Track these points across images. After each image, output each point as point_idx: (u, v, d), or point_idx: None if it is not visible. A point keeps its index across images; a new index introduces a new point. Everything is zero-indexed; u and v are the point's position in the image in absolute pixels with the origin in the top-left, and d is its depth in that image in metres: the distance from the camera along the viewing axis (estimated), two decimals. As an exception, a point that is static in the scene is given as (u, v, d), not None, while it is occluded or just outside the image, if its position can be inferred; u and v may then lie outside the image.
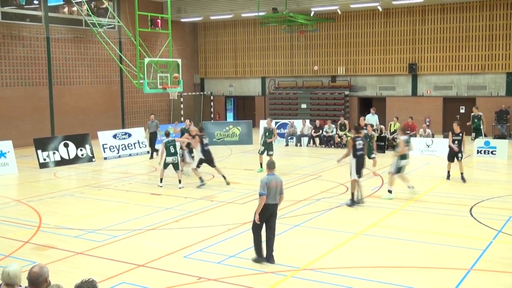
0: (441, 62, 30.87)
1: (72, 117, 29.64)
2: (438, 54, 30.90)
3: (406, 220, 12.57)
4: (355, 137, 14.15)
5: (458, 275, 9.01)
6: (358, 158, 13.94)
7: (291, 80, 35.74)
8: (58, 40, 29.12)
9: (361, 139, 14.17)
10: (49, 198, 15.49)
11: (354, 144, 13.93)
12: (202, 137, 16.76)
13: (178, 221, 12.61)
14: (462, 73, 30.50)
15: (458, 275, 9.01)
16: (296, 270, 9.26)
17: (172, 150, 16.43)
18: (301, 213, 13.17)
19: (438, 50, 30.88)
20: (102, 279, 8.80)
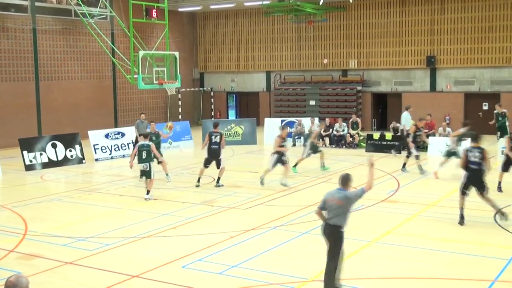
0: (462, 55, 30.79)
1: (60, 115, 29.69)
2: (459, 46, 30.83)
3: (424, 226, 12.53)
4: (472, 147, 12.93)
5: (481, 287, 8.97)
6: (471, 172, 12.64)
7: (299, 75, 35.72)
8: (45, 31, 29.17)
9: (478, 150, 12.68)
10: (36, 203, 15.50)
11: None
12: (211, 134, 17.13)
13: (176, 228, 12.60)
14: (485, 66, 30.41)
15: (481, 287, 8.97)
16: (304, 281, 9.23)
17: (144, 156, 15.57)
18: (310, 219, 13.14)
19: (459, 42, 30.80)
20: (93, 291, 8.80)
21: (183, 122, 28.88)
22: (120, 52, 29.76)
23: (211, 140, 17.07)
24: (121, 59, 29.19)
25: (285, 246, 11.15)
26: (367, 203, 14.60)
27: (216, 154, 17.11)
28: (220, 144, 17.06)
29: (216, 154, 17.11)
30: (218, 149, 17.09)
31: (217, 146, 17.05)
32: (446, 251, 10.72)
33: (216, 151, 17.11)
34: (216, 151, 17.10)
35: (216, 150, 17.10)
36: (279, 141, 17.32)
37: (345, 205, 8.47)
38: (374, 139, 24.41)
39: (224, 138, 17.55)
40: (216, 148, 17.08)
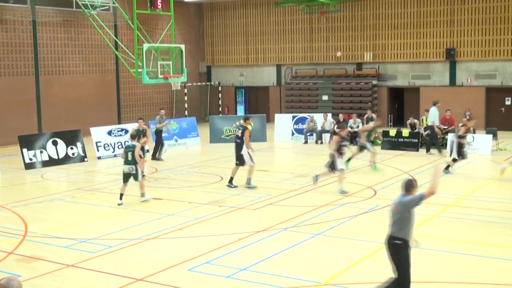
0: (484, 47, 30.65)
1: (61, 111, 29.82)
2: (480, 38, 30.68)
3: (443, 228, 12.51)
4: None
5: (503, 291, 8.96)
6: None
7: (311, 68, 35.68)
8: (45, 24, 29.30)
9: None
10: (36, 203, 15.59)
11: None
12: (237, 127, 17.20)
13: (182, 229, 12.65)
14: (508, 59, 30.25)
15: (503, 291, 8.96)
16: (317, 285, 9.25)
17: (130, 158, 15.20)
18: (323, 220, 13.16)
19: (480, 33, 30.65)
20: (95, 295, 8.86)
21: (190, 118, 28.93)
22: (123, 45, 29.85)
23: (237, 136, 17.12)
24: (125, 52, 29.28)
25: (296, 249, 11.16)
26: (382, 203, 14.60)
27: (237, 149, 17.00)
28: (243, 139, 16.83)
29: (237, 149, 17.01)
30: (240, 144, 16.89)
31: (239, 141, 16.92)
32: (465, 253, 10.70)
33: (237, 145, 17.01)
34: (238, 145, 16.97)
35: (238, 144, 16.97)
36: (338, 141, 16.50)
37: (401, 212, 8.20)
38: (391, 135, 24.36)
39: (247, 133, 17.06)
40: (238, 143, 16.97)
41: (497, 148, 23.30)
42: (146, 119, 30.06)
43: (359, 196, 15.53)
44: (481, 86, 31.05)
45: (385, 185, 16.87)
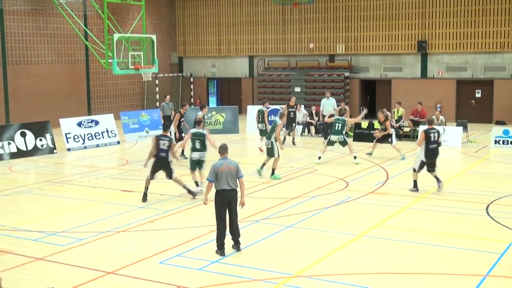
0: (455, 40, 31.00)
1: (30, 102, 29.43)
2: (452, 30, 31.02)
3: (414, 220, 12.66)
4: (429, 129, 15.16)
5: (473, 282, 9.10)
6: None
7: (283, 60, 35.73)
8: (13, 12, 28.83)
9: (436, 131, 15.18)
10: (4, 195, 15.41)
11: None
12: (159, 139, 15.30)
13: (153, 221, 12.61)
14: (478, 52, 30.65)
15: (473, 282, 9.10)
16: (289, 277, 9.31)
17: (198, 146, 15.02)
18: (295, 212, 13.22)
19: (451, 26, 30.99)
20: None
21: (161, 109, 28.75)
22: (93, 35, 29.53)
23: (159, 147, 14.49)
24: (95, 43, 28.97)
25: (268, 241, 11.21)
26: (354, 195, 14.74)
27: (162, 164, 14.62)
28: (171, 152, 14.59)
29: (162, 165, 14.63)
30: (167, 158, 14.58)
31: (165, 154, 14.49)
32: (436, 245, 10.85)
33: (164, 161, 14.57)
34: (164, 161, 14.58)
35: (164, 159, 14.56)
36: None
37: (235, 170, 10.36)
38: (363, 128, 24.52)
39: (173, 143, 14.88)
40: (164, 157, 14.52)
41: (467, 140, 23.62)
42: (116, 111, 29.89)
43: (330, 188, 15.64)
44: (452, 79, 31.42)
45: (357, 177, 17.01)
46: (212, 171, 10.30)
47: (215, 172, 10.25)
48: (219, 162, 10.38)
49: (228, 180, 10.26)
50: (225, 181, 10.23)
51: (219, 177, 10.22)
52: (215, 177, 10.25)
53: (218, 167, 10.29)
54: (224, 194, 10.28)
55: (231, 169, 10.31)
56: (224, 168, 10.27)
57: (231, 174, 10.30)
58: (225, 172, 10.25)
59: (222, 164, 10.31)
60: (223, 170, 10.25)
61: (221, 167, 10.27)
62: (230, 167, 10.31)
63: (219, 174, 10.23)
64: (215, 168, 10.29)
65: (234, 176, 10.34)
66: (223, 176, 10.23)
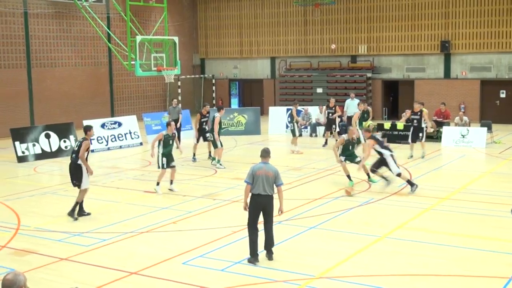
0: (479, 39, 30.70)
1: (54, 104, 29.75)
2: (475, 30, 30.73)
3: (437, 221, 12.57)
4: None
5: (497, 284, 9.01)
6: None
7: (305, 61, 35.68)
8: (37, 15, 29.18)
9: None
10: (29, 196, 15.58)
11: None
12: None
13: (176, 222, 12.67)
14: (503, 51, 30.31)
15: (497, 284, 9.01)
16: (311, 278, 9.30)
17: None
18: (317, 213, 13.20)
19: (475, 25, 30.69)
20: (89, 289, 8.89)
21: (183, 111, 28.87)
22: (116, 37, 29.77)
23: (73, 149, 13.68)
24: (118, 45, 29.21)
25: (290, 242, 11.20)
26: (378, 196, 14.67)
27: (74, 170, 13.34)
28: (79, 155, 13.24)
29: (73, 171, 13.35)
30: (75, 160, 13.32)
31: (75, 156, 13.39)
32: (460, 246, 10.76)
33: (74, 165, 13.35)
34: (74, 166, 13.33)
35: (73, 162, 13.36)
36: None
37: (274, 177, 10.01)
38: (385, 128, 24.39)
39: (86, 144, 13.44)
40: (73, 159, 13.36)
41: (491, 141, 23.39)
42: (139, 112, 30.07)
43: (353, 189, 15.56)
44: (476, 79, 31.12)
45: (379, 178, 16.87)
46: (250, 173, 9.96)
47: (252, 175, 9.90)
48: (258, 165, 10.04)
49: (265, 185, 9.87)
50: (260, 185, 9.86)
51: (255, 181, 9.87)
52: (252, 180, 9.92)
53: (256, 170, 9.94)
54: (258, 200, 9.94)
55: (268, 174, 9.90)
56: (261, 172, 9.89)
57: (268, 180, 9.90)
58: (262, 177, 9.86)
59: (261, 168, 9.94)
60: (260, 174, 9.87)
61: (259, 171, 9.90)
62: (268, 172, 9.91)
63: (256, 178, 9.89)
64: (253, 170, 9.95)
65: (271, 182, 9.93)
66: (259, 180, 9.85)
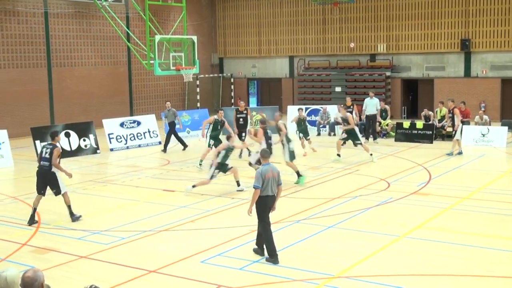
0: (499, 38, 30.40)
1: (74, 103, 29.97)
2: (496, 28, 30.43)
3: (457, 221, 12.48)
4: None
5: (517, 284, 8.94)
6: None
7: (324, 60, 35.58)
8: (57, 15, 29.41)
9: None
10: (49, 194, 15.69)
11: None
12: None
13: (194, 221, 12.70)
14: (523, 50, 30.02)
15: (517, 284, 8.94)
16: (330, 278, 9.27)
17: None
18: (336, 213, 13.16)
19: (496, 24, 30.40)
20: (108, 287, 8.93)
21: (202, 110, 28.99)
22: (135, 36, 29.91)
23: (41, 155, 12.88)
24: (137, 44, 29.34)
25: (309, 241, 11.18)
26: (396, 195, 14.59)
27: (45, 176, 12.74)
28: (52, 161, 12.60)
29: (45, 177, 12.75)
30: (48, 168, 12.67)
31: (47, 163, 12.66)
32: (480, 246, 10.67)
33: (45, 172, 12.71)
34: (46, 172, 12.69)
35: (46, 170, 12.69)
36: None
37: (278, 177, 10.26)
38: (404, 127, 24.27)
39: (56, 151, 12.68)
40: (46, 167, 12.69)
41: (512, 140, 23.18)
42: (158, 111, 30.19)
43: (372, 189, 15.51)
44: (497, 78, 30.82)
45: (399, 178, 16.84)
46: (259, 177, 9.93)
47: (262, 179, 9.93)
48: (265, 168, 10.10)
49: (273, 186, 10.07)
50: (269, 187, 10.01)
51: (265, 184, 9.96)
52: (262, 184, 9.95)
53: (265, 173, 9.98)
54: (268, 200, 10.07)
55: (275, 175, 10.11)
56: (270, 174, 10.01)
57: (275, 180, 10.13)
58: (271, 179, 10.01)
59: (268, 171, 10.02)
60: (269, 177, 9.99)
61: (267, 174, 9.98)
62: (274, 174, 10.10)
63: (266, 181, 9.97)
64: (262, 174, 9.96)
65: (276, 182, 10.17)
66: (269, 183, 9.99)
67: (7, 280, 5.43)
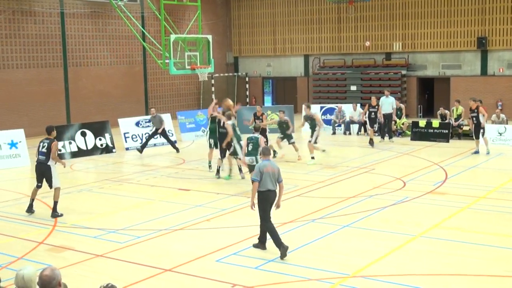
0: (516, 35, 30.18)
1: (90, 103, 30.14)
2: (513, 26, 30.22)
3: (473, 220, 12.39)
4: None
5: (535, 285, 8.86)
6: None
7: (339, 58, 35.49)
8: (73, 15, 29.58)
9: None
10: (65, 193, 15.78)
11: None
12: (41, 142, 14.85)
13: (210, 220, 12.72)
14: (541, 48, 29.75)
15: (535, 285, 8.86)
16: (345, 277, 9.24)
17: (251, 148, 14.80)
18: (351, 212, 13.12)
19: (513, 21, 30.19)
20: (124, 285, 8.96)
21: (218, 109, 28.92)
22: (150, 36, 30.02)
23: (39, 149, 13.48)
24: (152, 43, 29.45)
25: (324, 240, 11.16)
26: (412, 194, 14.52)
27: (41, 169, 13.44)
28: (50, 156, 13.23)
29: (41, 170, 13.44)
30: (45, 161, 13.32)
31: (44, 157, 13.31)
32: (497, 246, 10.59)
33: (41, 165, 13.42)
34: (42, 165, 13.40)
35: (43, 164, 13.38)
36: None
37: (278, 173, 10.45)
38: (420, 126, 24.14)
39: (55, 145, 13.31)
40: (42, 160, 13.36)
41: (530, 139, 22.95)
42: (173, 110, 30.27)
43: (387, 188, 15.44)
44: (514, 76, 30.60)
45: (415, 177, 16.75)
46: (257, 171, 10.33)
47: (260, 172, 10.27)
48: (263, 163, 10.43)
49: (272, 181, 10.34)
50: (268, 182, 10.29)
51: (263, 178, 10.26)
52: (260, 177, 10.27)
53: (263, 167, 10.33)
54: (269, 195, 10.35)
55: (274, 171, 10.38)
56: (268, 169, 10.31)
57: (274, 176, 10.37)
58: (269, 173, 10.29)
59: (266, 165, 10.34)
60: (267, 171, 10.29)
61: (266, 168, 10.30)
62: (273, 169, 10.38)
63: (264, 175, 10.26)
64: (260, 168, 10.33)
65: (275, 179, 10.40)
66: (267, 177, 10.28)
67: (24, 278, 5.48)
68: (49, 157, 13.24)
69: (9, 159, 20.05)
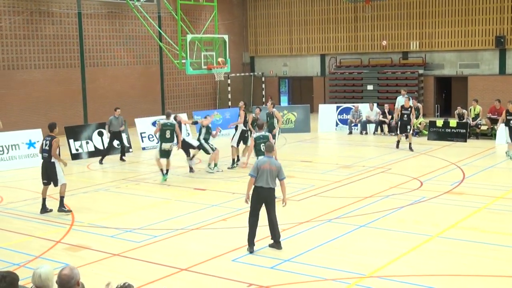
0: (535, 34, 29.91)
1: (106, 102, 30.26)
2: (532, 25, 29.94)
3: (492, 221, 12.30)
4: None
5: (554, 286, 8.78)
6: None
7: (355, 58, 35.38)
8: (90, 16, 29.77)
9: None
10: (82, 193, 15.92)
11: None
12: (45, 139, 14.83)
13: (226, 219, 12.75)
14: (560, 46, 29.46)
15: (554, 286, 8.78)
16: (361, 277, 9.22)
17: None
18: (367, 212, 13.09)
19: (532, 20, 29.91)
20: (140, 284, 9.01)
21: (233, 109, 29.02)
22: (167, 36, 30.11)
23: (42, 147, 13.75)
24: (168, 44, 29.53)
25: (340, 240, 11.14)
26: (429, 195, 14.44)
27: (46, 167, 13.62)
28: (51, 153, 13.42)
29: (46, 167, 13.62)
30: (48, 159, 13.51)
31: (47, 155, 13.50)
32: (515, 247, 10.52)
33: (45, 162, 13.61)
34: (46, 163, 13.59)
35: (46, 161, 13.56)
36: None
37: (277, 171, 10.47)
38: (437, 126, 24.00)
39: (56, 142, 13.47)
40: (46, 158, 13.55)
41: (549, 138, 22.71)
42: (190, 110, 30.35)
43: (404, 188, 15.38)
44: (533, 75, 30.33)
45: (432, 177, 16.66)
46: (254, 167, 10.42)
47: (257, 168, 10.33)
48: (263, 159, 10.53)
49: (268, 178, 10.32)
50: (264, 179, 10.30)
51: (260, 174, 10.31)
52: (257, 173, 10.32)
53: (261, 164, 10.39)
54: (260, 192, 10.39)
55: (272, 168, 10.37)
56: (266, 166, 10.34)
57: (272, 174, 10.37)
58: (267, 171, 10.31)
59: (265, 162, 10.39)
60: (265, 168, 10.32)
61: (263, 165, 10.35)
62: (272, 167, 10.37)
63: (261, 171, 10.30)
64: (257, 164, 10.41)
65: (274, 176, 10.41)
66: (264, 174, 10.30)
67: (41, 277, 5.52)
68: (51, 154, 13.44)
69: (27, 159, 20.22)
